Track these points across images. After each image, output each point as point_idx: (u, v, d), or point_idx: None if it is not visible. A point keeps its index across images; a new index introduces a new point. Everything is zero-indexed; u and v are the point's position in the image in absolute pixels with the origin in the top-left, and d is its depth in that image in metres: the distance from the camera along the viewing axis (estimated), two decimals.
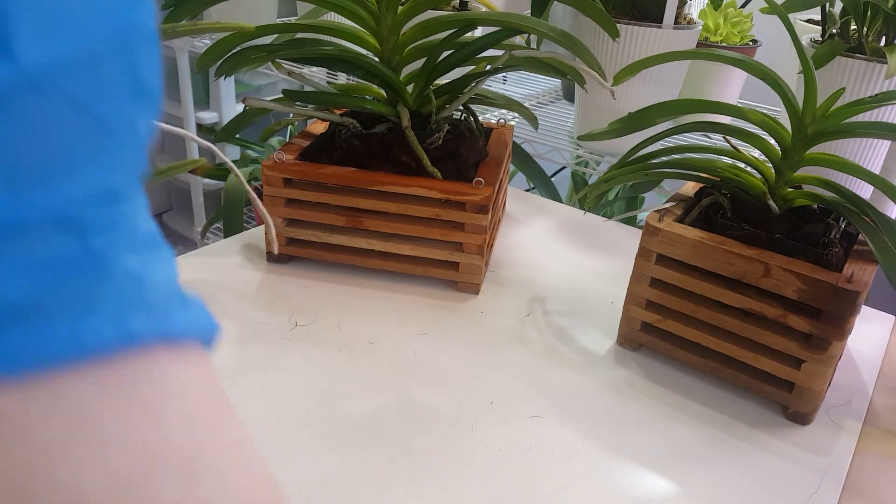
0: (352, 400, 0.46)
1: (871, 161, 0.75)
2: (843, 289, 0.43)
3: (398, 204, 0.56)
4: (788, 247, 0.46)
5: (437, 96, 0.59)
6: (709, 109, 0.52)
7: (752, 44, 0.98)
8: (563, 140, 0.97)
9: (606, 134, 0.54)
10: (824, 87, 0.72)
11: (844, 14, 0.73)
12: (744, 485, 0.42)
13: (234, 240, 0.64)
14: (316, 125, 0.65)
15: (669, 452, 0.44)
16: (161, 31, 0.20)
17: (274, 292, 0.57)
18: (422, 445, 0.43)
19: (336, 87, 0.63)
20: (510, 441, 0.44)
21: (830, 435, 0.47)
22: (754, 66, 0.48)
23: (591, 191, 0.55)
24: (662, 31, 0.80)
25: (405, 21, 0.56)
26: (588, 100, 0.89)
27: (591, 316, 0.57)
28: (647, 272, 0.50)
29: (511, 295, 0.59)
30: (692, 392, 0.50)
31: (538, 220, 0.73)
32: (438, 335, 0.53)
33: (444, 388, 0.48)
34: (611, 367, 0.51)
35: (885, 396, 0.52)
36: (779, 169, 0.50)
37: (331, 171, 0.56)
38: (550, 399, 0.48)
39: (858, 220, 0.46)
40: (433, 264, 0.58)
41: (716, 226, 0.49)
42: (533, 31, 0.53)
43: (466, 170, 0.58)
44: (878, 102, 0.46)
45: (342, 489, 0.39)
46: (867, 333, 0.59)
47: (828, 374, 0.45)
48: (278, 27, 0.56)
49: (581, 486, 0.41)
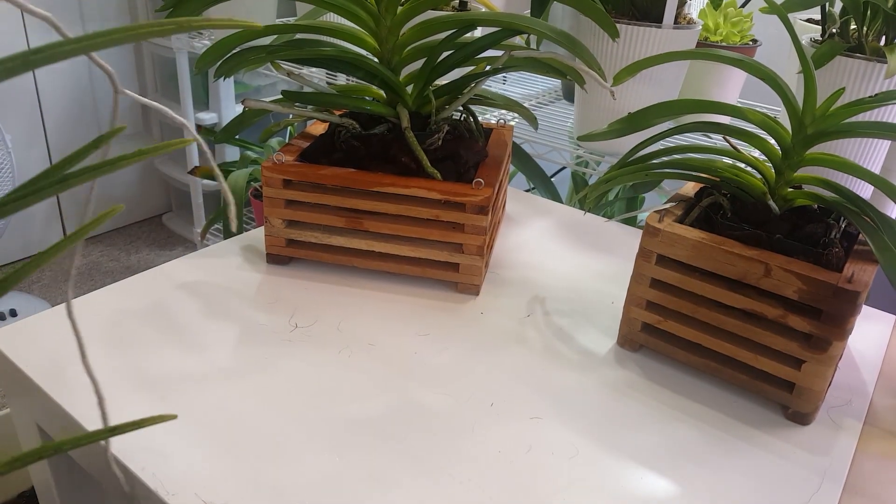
0: (352, 401, 0.46)
1: (871, 161, 0.75)
2: (844, 289, 0.43)
3: (398, 205, 0.56)
4: (789, 247, 0.46)
5: (437, 97, 0.59)
6: (709, 109, 0.52)
7: (752, 44, 0.98)
8: (563, 140, 0.97)
9: (606, 134, 0.54)
10: (824, 87, 0.72)
11: (844, 14, 0.73)
12: (744, 485, 0.42)
13: (234, 241, 0.64)
14: (315, 126, 0.65)
15: (669, 452, 0.44)
16: (168, 28, 0.20)
17: (274, 294, 0.57)
18: (422, 445, 0.43)
19: (335, 88, 0.63)
20: (510, 441, 0.44)
21: (830, 435, 0.47)
22: (754, 66, 0.48)
23: (592, 191, 0.55)
24: (662, 31, 0.80)
25: (405, 21, 0.56)
26: (588, 100, 0.89)
27: (591, 316, 0.57)
28: (647, 273, 0.50)
29: (511, 295, 0.59)
30: (692, 392, 0.50)
31: (538, 221, 0.73)
32: (438, 336, 0.53)
33: (444, 388, 0.48)
34: (611, 368, 0.51)
35: (885, 396, 0.52)
36: (779, 169, 0.50)
37: (330, 172, 0.56)
38: (550, 399, 0.48)
39: (859, 220, 0.46)
40: (433, 265, 0.58)
41: (716, 226, 0.49)
42: (533, 31, 0.53)
43: (466, 170, 0.58)
44: (878, 102, 0.46)
45: (342, 489, 0.39)
46: (867, 333, 0.59)
47: (828, 374, 0.45)
48: (278, 27, 0.56)
49: (581, 486, 0.41)
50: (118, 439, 0.41)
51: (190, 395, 0.45)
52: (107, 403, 0.44)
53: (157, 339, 0.50)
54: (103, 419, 0.31)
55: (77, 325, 0.30)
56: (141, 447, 0.41)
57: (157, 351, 0.49)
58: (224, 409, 0.44)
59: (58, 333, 0.49)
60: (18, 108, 1.74)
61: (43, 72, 1.75)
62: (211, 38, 1.48)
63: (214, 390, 0.46)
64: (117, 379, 0.46)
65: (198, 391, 0.45)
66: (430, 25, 0.55)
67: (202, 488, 0.38)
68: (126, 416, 0.43)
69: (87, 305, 0.53)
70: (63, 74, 1.79)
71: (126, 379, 0.46)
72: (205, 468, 0.40)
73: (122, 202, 1.48)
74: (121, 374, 0.46)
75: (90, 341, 0.49)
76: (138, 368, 0.47)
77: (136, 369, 0.46)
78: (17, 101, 1.74)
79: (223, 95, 1.77)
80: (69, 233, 2.07)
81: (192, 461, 0.40)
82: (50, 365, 0.46)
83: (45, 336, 0.49)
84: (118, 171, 0.27)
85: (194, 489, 0.38)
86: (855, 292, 0.43)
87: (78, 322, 0.51)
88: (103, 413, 0.31)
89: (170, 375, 0.47)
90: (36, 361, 0.47)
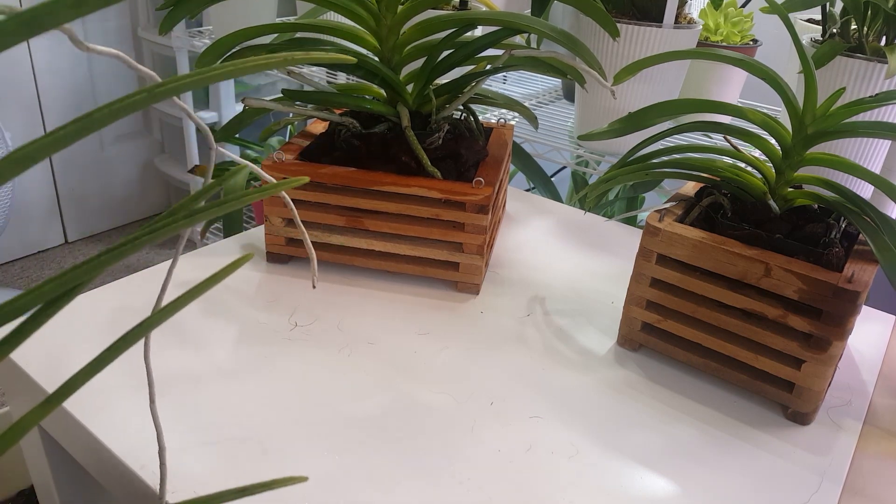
0: (352, 400, 0.46)
1: (871, 161, 0.75)
2: (844, 289, 0.43)
3: (398, 204, 0.56)
4: (789, 247, 0.46)
5: (437, 96, 0.59)
6: (709, 109, 0.52)
7: (752, 43, 0.98)
8: (563, 140, 0.97)
9: (606, 134, 0.54)
10: (824, 87, 0.72)
11: (845, 14, 0.73)
12: (744, 485, 0.42)
13: (234, 240, 0.64)
14: (316, 125, 0.65)
15: (669, 452, 0.44)
16: (275, 61, 0.20)
17: (274, 292, 0.56)
18: (422, 445, 0.43)
19: (336, 87, 0.63)
20: (510, 441, 0.44)
21: (830, 435, 0.47)
22: (754, 66, 0.48)
23: (592, 191, 0.55)
24: (662, 30, 0.80)
25: (405, 20, 0.55)
26: (588, 99, 0.89)
27: (591, 316, 0.57)
28: (647, 272, 0.50)
29: (511, 295, 0.59)
30: (692, 392, 0.50)
31: (538, 220, 0.73)
32: (438, 335, 0.53)
33: (444, 388, 0.48)
34: (611, 367, 0.51)
35: (885, 396, 0.51)
36: (779, 169, 0.50)
37: (331, 171, 0.56)
38: (550, 399, 0.48)
39: (859, 220, 0.46)
40: (433, 264, 0.58)
41: (716, 226, 0.49)
42: (533, 30, 0.53)
43: (466, 170, 0.58)
44: (878, 102, 0.46)
45: (342, 489, 0.39)
46: (867, 333, 0.59)
47: (828, 374, 0.45)
48: (278, 27, 0.56)
49: (581, 485, 0.41)
50: (118, 438, 0.41)
51: (190, 393, 0.45)
52: (106, 403, 0.44)
53: (157, 337, 0.50)
54: (161, 471, 0.31)
55: (152, 377, 0.30)
56: (140, 446, 0.41)
57: (156, 349, 0.49)
58: (224, 408, 0.44)
59: (58, 332, 0.49)
60: (18, 107, 1.74)
61: (43, 70, 1.75)
62: (211, 36, 1.48)
63: (214, 389, 0.46)
64: (117, 377, 0.46)
65: (197, 389, 0.45)
66: (431, 24, 0.55)
67: (202, 488, 0.38)
68: (125, 416, 0.43)
69: (86, 304, 0.53)
70: (63, 73, 1.79)
71: (125, 378, 0.46)
72: (204, 466, 0.40)
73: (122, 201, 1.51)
74: (120, 372, 0.46)
75: (89, 339, 0.49)
76: (138, 367, 0.47)
77: (136, 368, 0.46)
78: (17, 100, 1.73)
79: (223, 94, 1.77)
80: (68, 233, 2.06)
81: (191, 459, 0.40)
82: (50, 363, 0.46)
83: (45, 335, 0.49)
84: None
85: (194, 487, 0.38)
86: (855, 292, 0.43)
87: (77, 320, 0.51)
88: (162, 464, 0.31)
89: (169, 374, 0.47)
90: (36, 360, 0.46)
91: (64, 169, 1.89)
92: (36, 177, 1.85)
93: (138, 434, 0.41)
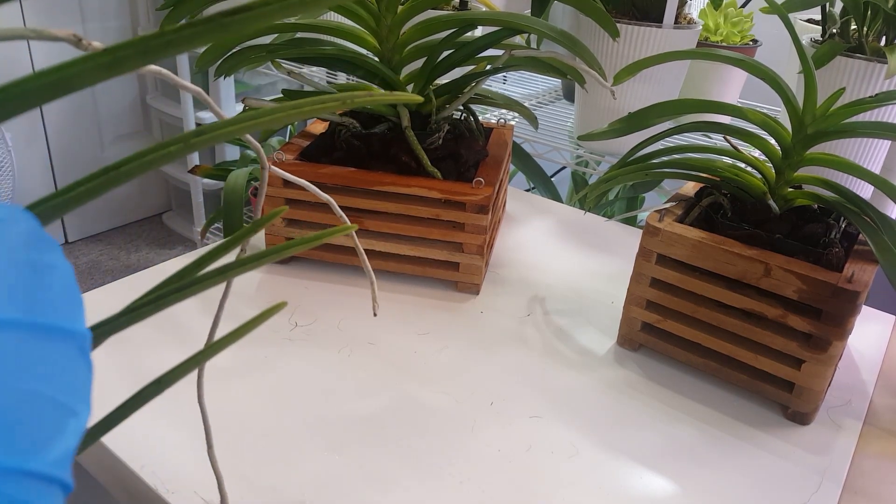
0: (352, 400, 0.46)
1: (871, 161, 0.75)
2: (844, 289, 0.43)
3: (398, 204, 0.56)
4: (789, 247, 0.46)
5: (437, 96, 0.59)
6: (709, 109, 0.52)
7: (752, 44, 0.98)
8: (563, 140, 0.97)
9: (606, 134, 0.54)
10: (824, 87, 0.72)
11: (844, 14, 0.73)
12: (744, 484, 0.42)
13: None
14: (316, 125, 0.65)
15: (669, 452, 0.44)
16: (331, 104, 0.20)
17: (274, 292, 0.56)
18: (422, 445, 0.43)
19: (336, 87, 0.63)
20: (510, 441, 0.44)
21: (830, 435, 0.47)
22: (754, 66, 0.48)
23: (592, 191, 0.55)
24: (662, 31, 0.80)
25: (405, 21, 0.55)
26: (588, 100, 0.89)
27: (591, 316, 0.57)
28: (647, 272, 0.50)
29: (511, 295, 0.59)
30: (692, 392, 0.50)
31: (538, 220, 0.73)
32: (438, 335, 0.53)
33: (444, 388, 0.48)
34: (610, 367, 0.51)
35: (885, 396, 0.52)
36: (779, 169, 0.50)
37: (330, 171, 0.56)
38: (550, 399, 0.48)
39: (859, 220, 0.46)
40: (433, 264, 0.58)
41: (716, 226, 0.49)
42: (533, 30, 0.53)
43: (466, 170, 0.58)
44: (878, 102, 0.46)
45: (342, 489, 0.39)
46: (867, 333, 0.59)
47: (828, 374, 0.45)
48: (278, 27, 0.56)
49: (581, 485, 0.41)
50: (116, 438, 0.41)
51: (189, 393, 0.45)
52: (105, 403, 0.44)
53: (157, 337, 0.50)
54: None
55: (208, 422, 0.30)
56: (140, 445, 0.41)
57: (156, 349, 0.49)
58: (223, 408, 0.44)
59: None
60: None
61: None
62: None
63: (214, 388, 0.46)
64: (116, 377, 0.46)
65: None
66: (431, 24, 0.55)
67: (201, 486, 0.38)
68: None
69: (86, 304, 0.53)
70: None
71: (125, 377, 0.46)
72: (204, 466, 0.40)
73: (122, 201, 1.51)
74: (120, 372, 0.46)
75: None
76: (138, 367, 0.47)
77: (136, 367, 0.46)
78: None
79: (223, 94, 1.77)
80: (69, 233, 2.06)
81: (191, 459, 0.40)
82: None
83: None
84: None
85: (194, 487, 0.38)
86: (855, 292, 0.43)
87: None
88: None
89: None
90: None
91: (64, 169, 1.89)
92: (36, 177, 1.85)
93: (139, 434, 0.41)
